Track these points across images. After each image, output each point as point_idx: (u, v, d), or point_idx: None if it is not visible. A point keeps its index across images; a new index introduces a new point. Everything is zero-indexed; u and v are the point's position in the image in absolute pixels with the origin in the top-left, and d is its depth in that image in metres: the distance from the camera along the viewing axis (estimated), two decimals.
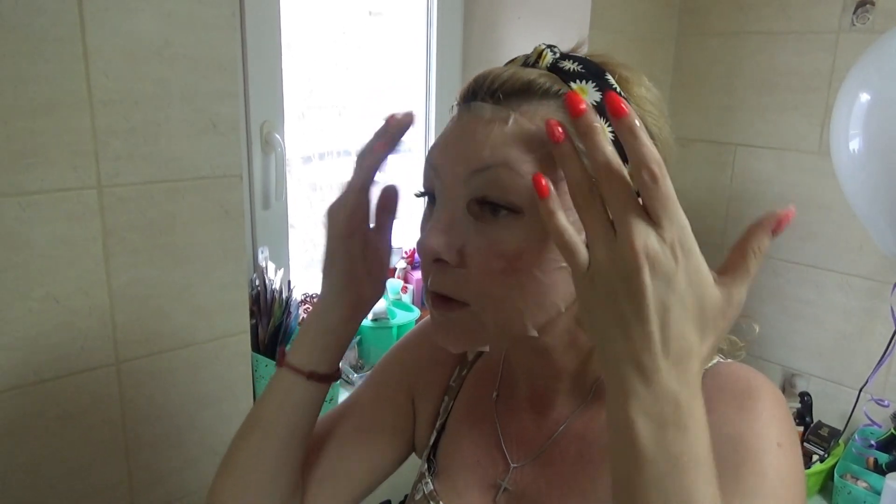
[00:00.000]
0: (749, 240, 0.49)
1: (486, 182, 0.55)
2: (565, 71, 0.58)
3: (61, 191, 0.98)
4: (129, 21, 0.99)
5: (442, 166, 0.59)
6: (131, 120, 1.02)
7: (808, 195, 1.66)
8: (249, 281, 1.31)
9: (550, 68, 0.58)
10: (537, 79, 0.57)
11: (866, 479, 1.49)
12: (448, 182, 0.58)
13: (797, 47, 1.64)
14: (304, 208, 1.68)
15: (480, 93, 0.58)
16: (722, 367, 0.65)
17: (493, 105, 0.57)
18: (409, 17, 1.71)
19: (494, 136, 0.55)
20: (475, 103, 0.58)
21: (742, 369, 0.64)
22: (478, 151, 0.56)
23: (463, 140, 0.58)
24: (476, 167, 0.56)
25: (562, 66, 0.58)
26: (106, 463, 1.11)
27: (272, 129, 1.39)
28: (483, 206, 0.56)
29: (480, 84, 0.58)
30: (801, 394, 1.70)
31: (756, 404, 0.60)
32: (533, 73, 0.57)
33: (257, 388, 1.30)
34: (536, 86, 0.56)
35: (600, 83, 0.57)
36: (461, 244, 0.57)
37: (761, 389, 0.61)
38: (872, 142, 1.25)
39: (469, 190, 0.56)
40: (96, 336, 1.05)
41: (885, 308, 1.53)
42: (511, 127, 0.55)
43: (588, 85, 0.57)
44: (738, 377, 0.63)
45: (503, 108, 0.56)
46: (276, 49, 1.37)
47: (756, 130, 1.74)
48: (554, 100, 0.56)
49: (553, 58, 0.59)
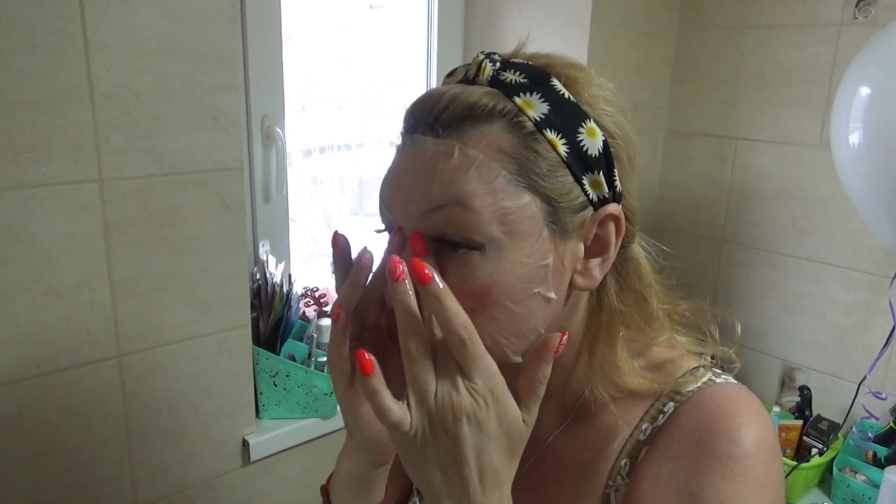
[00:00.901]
0: (533, 372, 0.53)
1: (441, 221, 0.53)
2: (507, 84, 0.55)
3: (63, 184, 0.98)
4: (130, 14, 0.99)
5: (394, 206, 0.56)
6: (132, 113, 1.02)
7: (808, 189, 1.66)
8: (250, 275, 1.31)
9: (492, 82, 0.55)
10: (479, 100, 0.53)
11: (865, 472, 1.50)
12: (403, 222, 0.55)
13: (798, 41, 1.64)
14: (304, 202, 1.68)
15: (420, 126, 0.55)
16: (709, 392, 0.61)
17: (434, 139, 0.54)
18: (410, 10, 1.70)
19: (441, 171, 0.52)
20: (416, 136, 0.55)
21: (729, 402, 0.59)
22: (426, 190, 0.53)
23: (411, 178, 0.55)
24: (427, 207, 0.53)
25: (503, 78, 0.55)
26: (108, 456, 1.11)
27: (273, 123, 1.39)
28: (442, 244, 0.54)
29: (419, 115, 0.55)
30: (801, 387, 1.71)
31: (735, 465, 0.55)
32: (475, 94, 0.54)
33: (258, 382, 1.31)
34: (478, 109, 0.53)
35: (545, 92, 0.55)
36: None
37: (746, 439, 0.56)
38: (873, 135, 1.24)
39: (426, 228, 0.54)
40: (98, 329, 1.05)
41: (884, 302, 1.53)
42: (457, 160, 0.52)
43: (533, 97, 0.54)
44: (722, 414, 0.58)
45: (446, 140, 0.53)
46: (277, 43, 1.37)
47: (757, 124, 1.74)
48: (499, 119, 0.53)
49: (493, 69, 0.56)
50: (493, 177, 0.52)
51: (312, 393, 1.34)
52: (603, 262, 0.59)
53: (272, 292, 1.32)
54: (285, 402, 1.34)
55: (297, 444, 1.36)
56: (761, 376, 1.81)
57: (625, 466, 0.62)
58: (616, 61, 1.69)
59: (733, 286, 1.85)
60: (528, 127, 0.54)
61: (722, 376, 0.63)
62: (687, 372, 0.64)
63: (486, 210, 0.52)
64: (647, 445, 0.61)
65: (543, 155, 0.54)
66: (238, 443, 1.28)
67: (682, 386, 0.62)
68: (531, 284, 0.54)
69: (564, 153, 0.54)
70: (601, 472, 0.63)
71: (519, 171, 0.53)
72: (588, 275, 0.58)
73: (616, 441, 0.63)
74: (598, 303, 0.63)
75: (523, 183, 0.53)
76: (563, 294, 0.57)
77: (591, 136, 0.55)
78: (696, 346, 0.67)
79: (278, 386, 1.32)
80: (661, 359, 0.65)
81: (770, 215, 1.74)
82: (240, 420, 1.27)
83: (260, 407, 1.33)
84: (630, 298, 0.64)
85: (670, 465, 0.58)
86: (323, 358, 1.35)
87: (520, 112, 0.54)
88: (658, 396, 0.63)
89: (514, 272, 0.53)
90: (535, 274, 0.54)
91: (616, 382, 0.62)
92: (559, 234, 0.55)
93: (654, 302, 0.65)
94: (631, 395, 0.63)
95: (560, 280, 0.56)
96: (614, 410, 0.62)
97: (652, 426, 0.62)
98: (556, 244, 0.55)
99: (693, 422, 0.59)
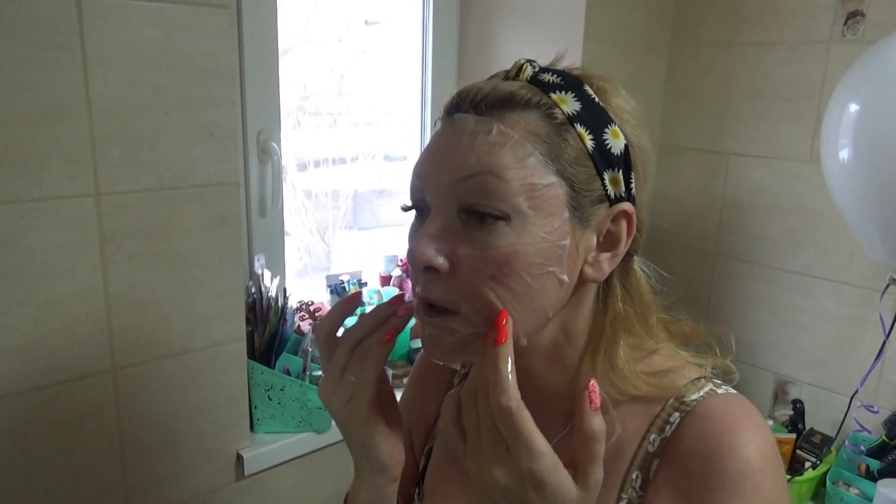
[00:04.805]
0: (584, 432, 0.53)
1: (473, 189, 0.57)
2: (545, 83, 0.60)
3: (59, 198, 0.98)
4: (128, 29, 0.99)
5: (428, 177, 0.60)
6: (129, 128, 1.02)
7: (799, 203, 1.68)
8: (245, 288, 1.31)
9: (531, 81, 0.61)
10: (518, 90, 0.59)
11: (858, 485, 1.50)
12: (434, 191, 0.59)
13: (789, 57, 1.66)
14: (299, 216, 1.68)
15: (464, 105, 0.60)
16: (713, 405, 0.63)
17: (475, 116, 0.59)
18: (406, 26, 1.72)
19: (479, 144, 0.57)
20: (459, 115, 0.60)
21: (732, 415, 0.62)
22: (463, 160, 0.57)
23: (448, 150, 0.59)
24: (462, 175, 0.57)
25: (541, 78, 0.61)
26: (102, 469, 1.11)
27: (269, 137, 1.39)
28: (471, 214, 0.57)
29: (464, 97, 0.60)
30: (794, 401, 1.71)
31: (746, 482, 0.58)
32: (514, 86, 0.59)
33: (252, 396, 1.31)
34: (518, 97, 0.58)
35: (579, 93, 0.60)
36: (450, 251, 0.58)
37: (752, 455, 0.59)
38: (862, 151, 1.26)
39: (456, 197, 0.58)
40: (93, 343, 1.05)
41: (875, 315, 1.54)
42: (495, 136, 0.57)
43: (567, 95, 0.60)
44: (727, 427, 0.60)
45: (486, 119, 0.58)
46: (273, 57, 1.38)
47: (749, 139, 1.76)
48: (535, 109, 0.58)
49: (533, 71, 0.61)
50: (526, 154, 0.57)
51: (307, 407, 1.34)
52: (612, 258, 0.62)
53: (267, 306, 1.32)
54: (280, 416, 1.34)
55: (292, 458, 1.35)
56: (755, 389, 1.82)
57: (636, 479, 0.63)
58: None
59: (726, 299, 1.86)
60: (560, 118, 0.59)
61: (722, 387, 0.65)
62: (689, 381, 0.65)
63: (517, 182, 0.56)
64: (658, 458, 0.63)
65: (572, 144, 0.59)
66: (232, 457, 1.27)
67: (685, 395, 0.64)
68: (548, 262, 0.58)
69: (591, 147, 0.59)
70: (612, 483, 0.64)
71: (549, 153, 0.58)
72: (598, 267, 0.62)
73: (626, 451, 0.64)
74: (603, 305, 0.66)
75: (552, 166, 0.58)
76: (574, 281, 0.61)
77: (615, 137, 0.60)
78: (696, 358, 0.69)
79: (273, 400, 1.32)
80: (664, 367, 0.67)
81: (762, 229, 1.75)
82: (234, 434, 1.27)
83: (254, 421, 1.33)
84: (632, 305, 0.66)
85: (684, 483, 0.60)
86: (318, 372, 1.35)
87: (554, 105, 0.59)
88: (663, 406, 0.64)
89: (534, 245, 0.57)
90: (552, 252, 0.58)
91: (618, 385, 0.64)
92: (578, 220, 0.59)
93: (654, 317, 0.68)
94: (634, 401, 0.64)
95: (573, 265, 0.60)
96: (613, 412, 0.63)
97: (660, 437, 0.63)
98: (574, 229, 0.59)
99: (699, 435, 0.61)
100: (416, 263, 0.58)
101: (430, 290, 0.59)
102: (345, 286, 1.60)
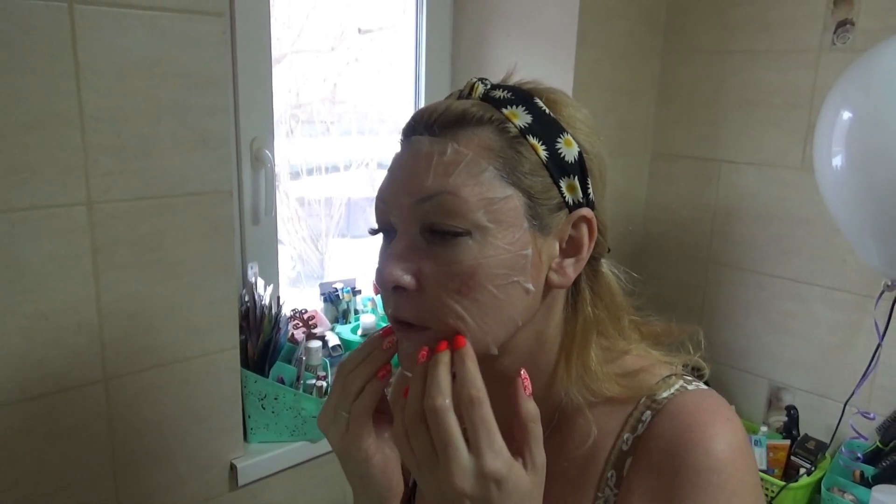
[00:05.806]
0: (522, 416, 0.56)
1: (433, 209, 0.59)
2: (496, 99, 0.62)
3: (51, 207, 0.98)
4: (121, 37, 0.99)
5: (390, 199, 0.62)
6: (122, 136, 1.02)
7: (791, 210, 1.68)
8: (239, 297, 1.31)
9: (483, 98, 0.63)
10: (470, 108, 0.61)
11: (853, 491, 1.50)
12: (397, 213, 0.61)
13: (779, 65, 1.67)
14: (292, 224, 1.68)
15: (419, 127, 0.62)
16: (682, 401, 0.64)
17: (430, 137, 0.61)
18: (399, 34, 1.72)
19: (435, 165, 0.59)
20: (415, 137, 0.62)
21: (701, 410, 0.63)
22: (421, 182, 0.59)
23: (407, 172, 0.61)
24: (421, 196, 0.59)
25: (493, 94, 0.63)
26: (94, 480, 1.10)
27: (262, 145, 1.39)
28: (433, 233, 0.59)
29: (419, 119, 0.63)
30: (788, 407, 1.71)
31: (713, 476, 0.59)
32: (466, 104, 0.62)
33: (246, 405, 1.30)
34: (470, 115, 0.61)
35: (529, 106, 0.62)
36: (416, 269, 0.59)
37: (720, 449, 0.59)
38: (854, 158, 1.27)
39: (418, 217, 0.60)
40: (85, 352, 1.05)
41: (868, 321, 1.55)
42: (450, 155, 0.59)
43: (518, 109, 0.62)
44: (695, 423, 0.61)
45: (440, 140, 0.60)
46: (267, 66, 1.38)
47: (740, 146, 1.77)
48: (488, 125, 0.61)
49: (484, 88, 0.64)
50: (480, 171, 0.59)
51: (301, 416, 1.34)
52: (576, 263, 0.64)
53: (261, 314, 1.32)
54: (274, 425, 1.33)
55: (286, 467, 1.34)
56: (748, 396, 1.82)
57: (612, 478, 0.65)
58: (601, 84, 1.71)
59: (719, 306, 1.87)
60: (513, 132, 0.61)
61: (693, 383, 0.67)
62: (660, 380, 0.67)
63: (474, 199, 0.58)
64: (631, 456, 0.64)
65: (526, 156, 0.61)
66: (225, 467, 1.26)
67: (656, 393, 0.65)
68: (511, 272, 0.59)
69: (544, 157, 0.61)
70: (589, 482, 0.66)
71: (504, 167, 0.60)
72: (562, 272, 0.64)
73: (601, 451, 0.66)
74: (573, 310, 0.68)
75: (507, 178, 0.60)
76: (540, 289, 0.63)
77: (567, 145, 0.62)
78: (666, 357, 0.71)
79: (266, 409, 1.31)
80: (635, 367, 0.68)
81: (754, 236, 1.76)
82: (227, 444, 1.26)
83: (248, 430, 1.32)
84: (603, 308, 0.68)
85: (654, 480, 0.61)
86: (311, 381, 1.35)
87: (506, 120, 0.61)
88: (636, 405, 0.66)
89: (497, 257, 0.59)
90: (515, 262, 0.60)
91: (591, 388, 0.66)
92: (538, 229, 0.61)
93: (626, 319, 0.70)
94: (608, 402, 0.66)
95: (538, 274, 0.62)
96: (588, 414, 0.64)
97: (633, 436, 0.65)
98: (535, 238, 0.61)
99: (669, 432, 0.62)
100: (385, 284, 0.60)
101: (401, 309, 0.61)
102: (338, 294, 1.60)
